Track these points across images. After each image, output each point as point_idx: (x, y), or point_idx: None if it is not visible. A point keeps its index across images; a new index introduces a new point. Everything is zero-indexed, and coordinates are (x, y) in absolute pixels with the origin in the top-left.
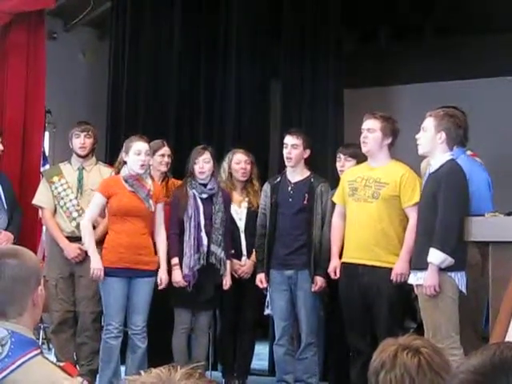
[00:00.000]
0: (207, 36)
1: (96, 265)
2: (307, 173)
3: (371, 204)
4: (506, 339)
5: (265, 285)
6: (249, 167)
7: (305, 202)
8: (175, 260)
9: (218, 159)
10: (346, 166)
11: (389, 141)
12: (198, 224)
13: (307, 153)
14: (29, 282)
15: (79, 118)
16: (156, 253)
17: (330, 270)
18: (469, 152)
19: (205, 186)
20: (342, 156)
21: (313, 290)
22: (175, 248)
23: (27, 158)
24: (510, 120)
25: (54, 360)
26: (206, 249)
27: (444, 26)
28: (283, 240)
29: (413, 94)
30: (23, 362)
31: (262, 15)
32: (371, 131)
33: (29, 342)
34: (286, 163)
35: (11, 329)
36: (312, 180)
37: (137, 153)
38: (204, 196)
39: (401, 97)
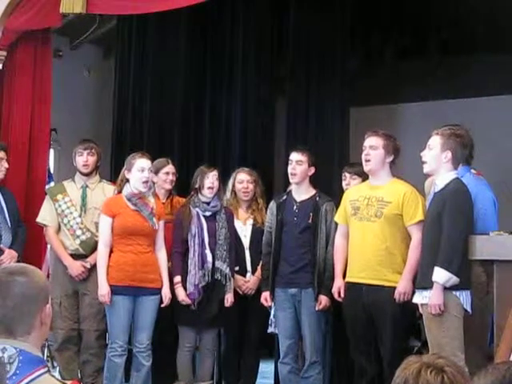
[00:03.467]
0: (213, 53)
1: (102, 291)
2: (313, 191)
3: (374, 223)
4: (511, 358)
5: (270, 303)
6: (251, 186)
7: (309, 221)
8: (177, 278)
9: (223, 177)
10: (351, 185)
11: (390, 158)
12: (203, 241)
13: (312, 170)
14: (37, 300)
15: (84, 136)
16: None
17: (334, 290)
18: (473, 171)
19: (208, 203)
20: (347, 174)
21: (317, 309)
22: (178, 266)
23: (32, 176)
24: None
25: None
26: (210, 265)
27: (449, 46)
28: (288, 258)
29: (418, 113)
30: (31, 380)
31: (268, 33)
32: (374, 148)
33: (36, 360)
34: (291, 180)
35: (19, 347)
36: (317, 199)
37: (140, 170)
38: (207, 214)
39: (406, 115)
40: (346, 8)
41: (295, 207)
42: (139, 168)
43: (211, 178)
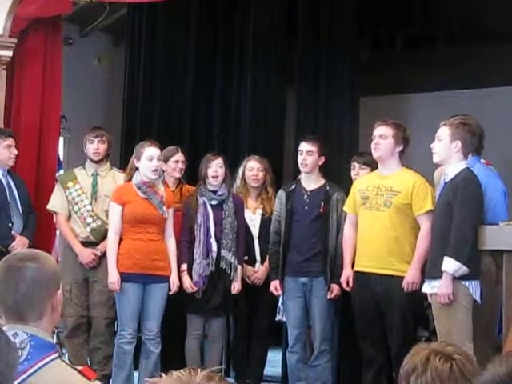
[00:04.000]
0: (223, 43)
1: (111, 279)
2: (322, 181)
3: (383, 212)
4: None
5: (279, 292)
6: (261, 174)
7: (321, 210)
8: (184, 267)
9: (232, 166)
10: (360, 174)
11: (400, 148)
12: (208, 230)
13: (322, 160)
14: (48, 285)
15: (94, 124)
16: None
17: (343, 279)
18: (483, 160)
19: (214, 192)
20: (356, 164)
21: (328, 297)
22: (185, 255)
23: (43, 163)
24: None
25: None
26: (215, 254)
27: (459, 35)
28: (298, 247)
29: (428, 103)
30: (42, 366)
31: (278, 23)
32: (383, 138)
33: (48, 346)
34: (301, 169)
35: (31, 332)
36: (328, 188)
37: (149, 158)
38: (214, 202)
39: (416, 105)
40: None
41: (306, 196)
42: (148, 157)
43: (214, 167)
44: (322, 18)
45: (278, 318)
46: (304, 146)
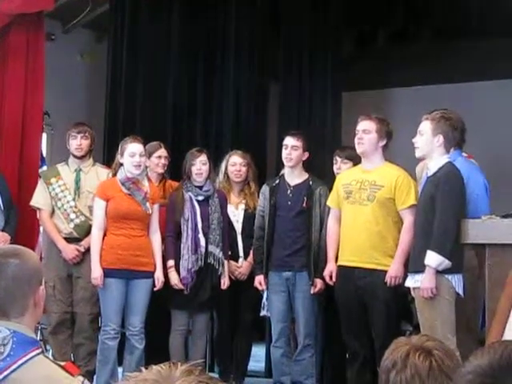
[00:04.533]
0: (205, 38)
1: (94, 274)
2: (305, 175)
3: (366, 207)
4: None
5: (264, 287)
6: (244, 169)
7: (304, 205)
8: (171, 262)
9: (215, 161)
10: (342, 169)
11: (383, 142)
12: (196, 226)
13: (306, 155)
14: (30, 281)
15: (77, 120)
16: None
17: (326, 273)
18: (464, 154)
19: (200, 188)
20: (338, 158)
21: (312, 292)
22: (171, 251)
23: (25, 159)
24: (505, 122)
25: None
26: (203, 250)
27: (441, 30)
28: (282, 242)
29: (410, 97)
30: (25, 362)
31: (260, 19)
32: (367, 132)
33: (30, 342)
34: (286, 164)
35: (13, 328)
36: (311, 183)
37: (131, 154)
38: (200, 198)
39: (399, 100)
40: None
41: (289, 191)
42: (130, 153)
43: (198, 164)
44: (305, 14)
45: (262, 313)
46: (289, 141)
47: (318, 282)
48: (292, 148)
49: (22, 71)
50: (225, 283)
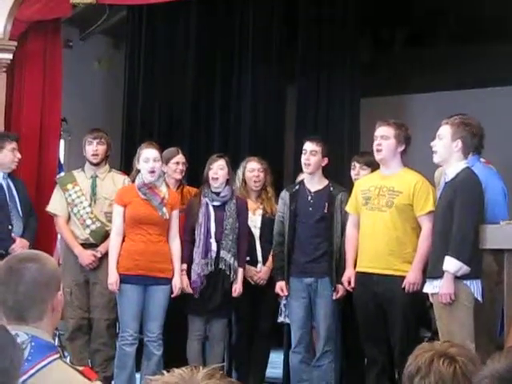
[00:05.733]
0: (223, 44)
1: (111, 279)
2: (325, 181)
3: (385, 213)
4: None
5: (286, 293)
6: (262, 175)
7: (325, 211)
8: (183, 266)
9: (233, 167)
10: (360, 175)
11: (402, 148)
12: (208, 230)
13: (325, 161)
14: (49, 286)
15: (94, 126)
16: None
17: (344, 279)
18: (482, 159)
19: (217, 194)
20: (356, 164)
21: (334, 297)
22: (186, 255)
23: (43, 166)
24: None
25: None
26: (214, 254)
27: (459, 35)
28: (303, 248)
29: (428, 103)
30: (43, 366)
31: (278, 22)
32: (385, 138)
33: (48, 347)
34: (304, 169)
35: (31, 333)
36: (331, 189)
37: (145, 160)
38: (216, 203)
39: (416, 105)
40: None
41: (310, 197)
42: (144, 158)
43: (215, 169)
44: (323, 19)
45: (280, 319)
46: (308, 146)
47: (340, 289)
48: (311, 153)
49: (40, 78)
50: (236, 290)
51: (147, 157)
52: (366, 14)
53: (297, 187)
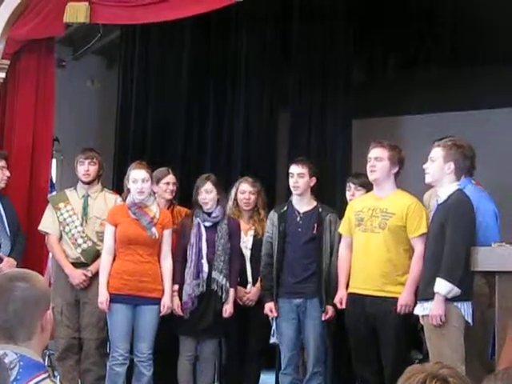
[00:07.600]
0: (216, 65)
1: (101, 298)
2: (314, 203)
3: (378, 234)
4: None
5: (275, 314)
6: (253, 197)
7: (314, 232)
8: (175, 287)
9: (225, 187)
10: (356, 196)
11: (396, 170)
12: (199, 251)
13: (313, 181)
14: (38, 305)
15: (86, 145)
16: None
17: (337, 300)
18: (473, 181)
19: (209, 214)
20: (352, 185)
21: (323, 319)
22: (177, 276)
23: (35, 185)
24: None
25: None
26: (205, 275)
27: (451, 58)
28: (292, 269)
29: (421, 125)
30: None
31: (271, 44)
32: (379, 160)
33: (37, 366)
34: (293, 192)
35: (20, 352)
36: (320, 210)
37: (133, 181)
38: (207, 224)
39: (409, 127)
40: (349, 19)
41: (298, 218)
42: (133, 179)
43: (203, 194)
44: (316, 40)
45: (272, 340)
46: (294, 169)
47: (330, 309)
48: (298, 176)
49: (33, 97)
50: (227, 311)
51: (135, 178)
52: (359, 35)
53: (285, 208)
